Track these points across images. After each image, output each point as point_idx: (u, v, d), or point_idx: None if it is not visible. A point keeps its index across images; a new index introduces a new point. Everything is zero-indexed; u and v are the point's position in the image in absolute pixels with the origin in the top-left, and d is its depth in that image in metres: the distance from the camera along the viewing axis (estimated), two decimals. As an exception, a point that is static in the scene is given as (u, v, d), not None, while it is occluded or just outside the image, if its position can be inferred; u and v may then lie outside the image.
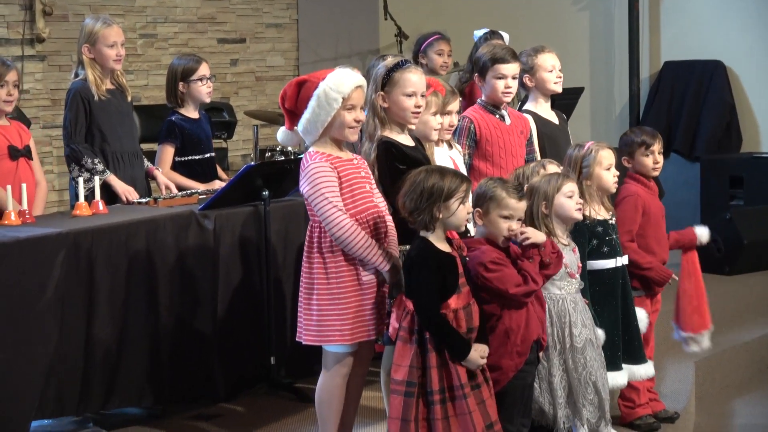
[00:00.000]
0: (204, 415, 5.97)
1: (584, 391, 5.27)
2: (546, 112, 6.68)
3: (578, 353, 5.25)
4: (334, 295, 4.77)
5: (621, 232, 5.79)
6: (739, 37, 10.34)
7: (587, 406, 5.28)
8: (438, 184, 4.63)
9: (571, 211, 5.27)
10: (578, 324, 5.26)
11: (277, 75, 11.29)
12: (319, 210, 4.74)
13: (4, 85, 6.14)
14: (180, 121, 6.91)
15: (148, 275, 5.69)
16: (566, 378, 5.26)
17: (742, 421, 7.18)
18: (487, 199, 4.89)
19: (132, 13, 9.96)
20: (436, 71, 8.17)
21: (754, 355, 8.05)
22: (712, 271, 9.06)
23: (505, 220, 4.88)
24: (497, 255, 4.86)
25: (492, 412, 4.66)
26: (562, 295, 5.22)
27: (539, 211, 5.21)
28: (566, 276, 5.23)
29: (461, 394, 4.58)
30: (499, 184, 4.92)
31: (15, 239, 5.16)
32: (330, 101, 4.79)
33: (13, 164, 6.19)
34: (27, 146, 6.29)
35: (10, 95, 6.18)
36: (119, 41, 6.66)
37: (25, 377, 5.14)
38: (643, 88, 10.71)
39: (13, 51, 8.99)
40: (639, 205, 5.92)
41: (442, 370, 4.60)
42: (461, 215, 4.66)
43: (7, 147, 6.17)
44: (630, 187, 5.97)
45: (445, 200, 4.62)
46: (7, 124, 6.27)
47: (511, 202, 4.88)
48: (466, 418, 4.58)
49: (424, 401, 4.62)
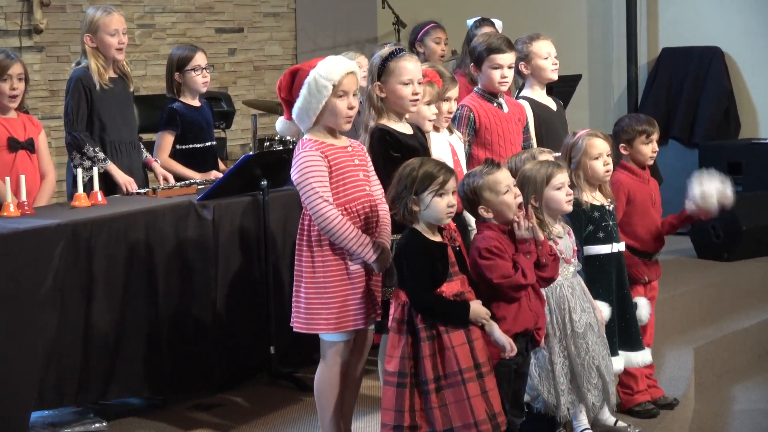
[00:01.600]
0: (204, 404, 5.98)
1: (588, 376, 5.26)
2: (542, 98, 6.68)
3: (579, 338, 5.24)
4: (320, 284, 4.79)
5: None
6: (737, 23, 10.33)
7: (592, 390, 5.28)
8: (412, 176, 4.60)
9: (561, 204, 5.24)
10: (577, 309, 5.26)
11: (275, 64, 11.29)
12: (306, 200, 4.76)
13: (7, 79, 6.15)
14: (181, 109, 6.92)
15: (147, 266, 5.70)
16: (568, 364, 5.26)
17: (741, 407, 7.18)
18: (477, 192, 4.84)
19: (130, 4, 9.96)
20: (433, 60, 8.16)
21: (753, 341, 8.05)
22: (710, 257, 9.10)
23: (506, 195, 4.85)
24: (497, 244, 4.83)
25: (496, 404, 4.62)
26: (559, 281, 5.21)
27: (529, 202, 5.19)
28: (562, 262, 5.23)
29: (459, 380, 4.56)
30: (475, 175, 4.87)
31: (14, 230, 5.17)
32: (320, 88, 4.79)
33: (12, 156, 6.21)
34: (30, 139, 6.30)
35: (14, 89, 6.18)
36: (121, 29, 6.66)
37: (24, 368, 5.15)
38: (641, 74, 10.70)
39: (11, 42, 8.99)
40: (621, 193, 5.90)
41: (435, 359, 4.58)
42: (438, 208, 4.58)
43: (6, 139, 6.19)
44: (616, 174, 5.94)
45: (417, 193, 4.58)
46: (14, 116, 6.29)
47: (498, 177, 4.82)
48: (464, 404, 4.55)
49: (420, 391, 4.61)
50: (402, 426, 4.61)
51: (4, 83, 6.15)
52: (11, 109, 6.25)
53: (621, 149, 5.99)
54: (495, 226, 4.88)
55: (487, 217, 4.88)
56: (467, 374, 4.57)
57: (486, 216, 4.88)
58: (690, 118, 10.39)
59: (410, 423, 4.61)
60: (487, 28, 7.68)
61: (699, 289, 8.29)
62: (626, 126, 6.01)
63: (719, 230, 9.09)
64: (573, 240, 5.37)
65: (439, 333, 4.60)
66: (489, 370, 4.65)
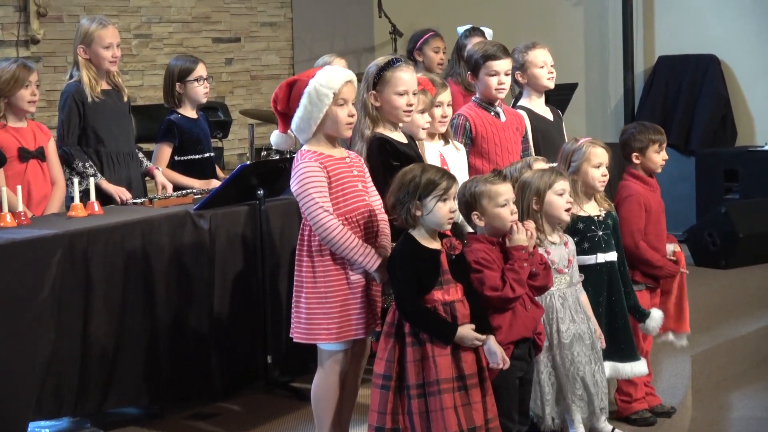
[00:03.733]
0: (201, 414, 5.98)
1: (572, 387, 5.27)
2: (540, 108, 6.68)
3: (565, 349, 5.25)
4: (321, 294, 4.80)
5: (628, 231, 5.84)
6: (733, 30, 10.35)
7: (576, 401, 5.28)
8: (415, 181, 4.63)
9: (560, 210, 5.25)
10: (566, 320, 5.25)
11: (272, 74, 11.31)
12: (306, 210, 4.76)
13: (29, 86, 6.30)
14: (179, 121, 6.93)
15: (144, 275, 5.70)
16: (555, 375, 5.27)
17: (738, 415, 7.18)
18: (476, 198, 4.87)
19: (126, 14, 9.97)
20: (432, 68, 8.20)
21: (750, 349, 8.05)
22: (707, 264, 9.10)
23: (503, 208, 4.87)
24: (484, 255, 4.84)
25: (478, 418, 4.62)
26: (550, 291, 5.21)
27: (529, 207, 5.20)
28: (554, 272, 5.23)
29: (435, 390, 4.58)
30: (478, 181, 4.91)
31: (11, 241, 5.17)
32: (321, 97, 4.81)
33: (23, 166, 6.28)
34: (40, 148, 6.36)
35: (34, 95, 6.34)
36: (115, 42, 6.67)
37: (22, 377, 5.15)
38: (637, 82, 10.72)
39: (7, 53, 9.01)
40: (642, 203, 5.94)
41: (420, 365, 4.61)
42: (440, 214, 4.62)
43: (17, 149, 6.26)
44: (631, 185, 5.99)
45: (421, 198, 4.61)
46: (24, 125, 6.37)
47: (500, 189, 4.86)
48: (437, 414, 4.58)
49: (403, 396, 4.65)
50: (384, 428, 4.67)
51: (26, 90, 6.28)
52: (30, 113, 6.40)
53: (633, 158, 6.01)
54: (483, 238, 4.91)
55: (478, 225, 4.90)
56: (444, 385, 4.59)
57: (477, 223, 4.89)
58: (687, 125, 10.40)
59: (391, 426, 4.67)
60: (477, 38, 7.70)
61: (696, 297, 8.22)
62: (638, 135, 6.01)
63: (716, 238, 9.10)
64: (569, 251, 5.36)
65: (423, 340, 4.62)
66: (476, 383, 4.65)
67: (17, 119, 6.34)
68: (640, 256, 5.92)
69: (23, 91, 6.28)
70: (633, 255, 5.90)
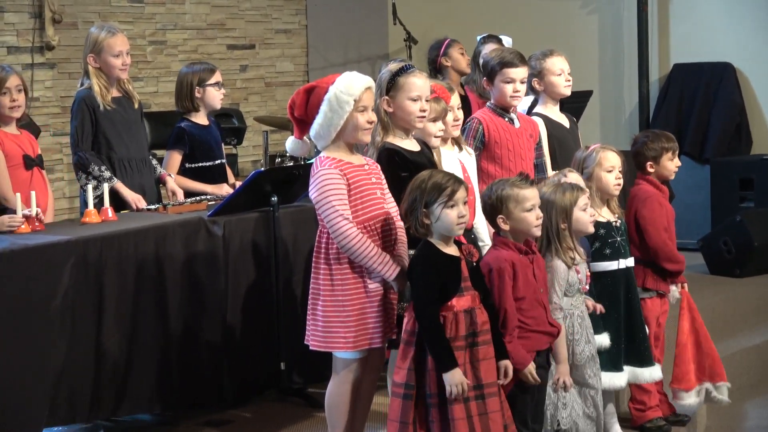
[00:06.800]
0: (214, 421, 5.97)
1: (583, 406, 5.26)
2: (556, 115, 6.66)
3: (578, 370, 5.25)
4: (339, 302, 4.78)
5: (654, 229, 5.86)
6: (748, 38, 10.33)
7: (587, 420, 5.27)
8: (421, 188, 4.63)
9: (586, 225, 5.26)
10: (581, 342, 5.24)
11: (286, 81, 11.31)
12: (326, 218, 4.75)
13: (6, 92, 6.11)
14: (189, 128, 6.92)
15: (157, 282, 5.70)
16: None
17: (752, 424, 7.17)
18: (502, 201, 4.86)
19: (141, 20, 9.98)
20: (462, 70, 8.25)
21: (765, 358, 8.03)
22: (722, 273, 9.07)
23: (529, 213, 4.86)
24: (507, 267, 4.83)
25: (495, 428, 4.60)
26: (571, 310, 5.21)
27: (557, 227, 5.17)
28: (578, 292, 5.22)
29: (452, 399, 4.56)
30: (506, 184, 4.91)
31: (24, 247, 5.17)
32: (342, 104, 4.81)
33: (28, 174, 6.21)
34: (39, 155, 6.31)
35: (14, 101, 6.14)
36: (124, 50, 6.64)
37: (35, 384, 5.15)
38: (652, 90, 10.69)
39: (22, 59, 9.02)
40: (662, 203, 5.94)
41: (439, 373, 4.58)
42: (448, 220, 4.59)
43: (22, 156, 6.19)
44: (647, 188, 5.97)
45: (427, 206, 4.60)
46: (18, 133, 6.27)
47: (526, 193, 4.86)
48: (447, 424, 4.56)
49: (423, 403, 4.62)
50: None
51: (3, 96, 6.10)
52: (14, 120, 6.21)
53: (648, 168, 5.99)
54: (512, 244, 4.88)
55: (503, 230, 4.88)
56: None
57: (502, 227, 4.88)
58: (701, 133, 10.37)
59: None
60: (493, 44, 7.71)
61: (711, 305, 8.24)
62: (651, 144, 6.00)
63: (731, 246, 9.07)
64: (586, 265, 5.35)
65: None
66: (495, 391, 4.64)
67: (7, 126, 6.19)
68: (668, 253, 5.90)
69: (1, 98, 6.11)
70: (661, 252, 5.89)
